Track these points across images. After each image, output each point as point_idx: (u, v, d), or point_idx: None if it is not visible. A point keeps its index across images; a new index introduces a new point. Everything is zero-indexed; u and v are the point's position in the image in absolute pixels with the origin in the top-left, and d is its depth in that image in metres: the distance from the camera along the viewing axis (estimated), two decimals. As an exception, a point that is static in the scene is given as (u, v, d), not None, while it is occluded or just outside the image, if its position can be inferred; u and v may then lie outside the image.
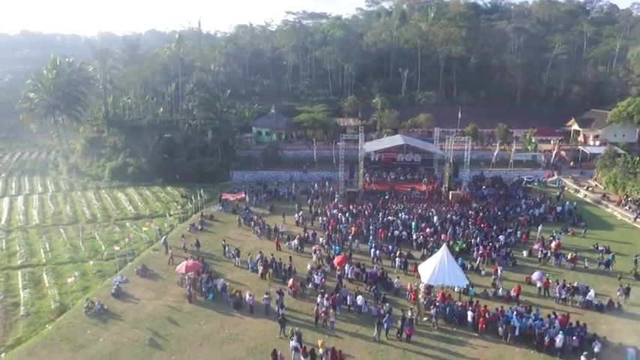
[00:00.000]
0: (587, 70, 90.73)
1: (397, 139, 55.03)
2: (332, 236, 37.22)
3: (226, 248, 35.30)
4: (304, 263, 32.88)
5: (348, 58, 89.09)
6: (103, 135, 70.97)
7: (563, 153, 64.59)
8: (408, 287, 28.32)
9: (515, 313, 24.41)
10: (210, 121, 68.37)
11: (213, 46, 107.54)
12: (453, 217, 41.49)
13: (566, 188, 53.33)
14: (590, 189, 52.87)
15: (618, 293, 28.42)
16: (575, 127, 71.78)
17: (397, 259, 32.53)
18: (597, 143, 66.15)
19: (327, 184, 53.97)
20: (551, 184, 56.84)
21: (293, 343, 21.80)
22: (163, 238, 36.99)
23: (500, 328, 23.67)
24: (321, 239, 36.76)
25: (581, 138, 71.45)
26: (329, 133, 69.42)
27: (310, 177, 58.89)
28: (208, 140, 63.55)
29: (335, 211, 43.16)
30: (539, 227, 38.83)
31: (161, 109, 74.39)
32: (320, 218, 41.56)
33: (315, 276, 29.29)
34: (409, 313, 24.96)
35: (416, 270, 31.03)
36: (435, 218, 40.90)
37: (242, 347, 23.49)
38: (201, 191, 48.64)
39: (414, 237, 36.86)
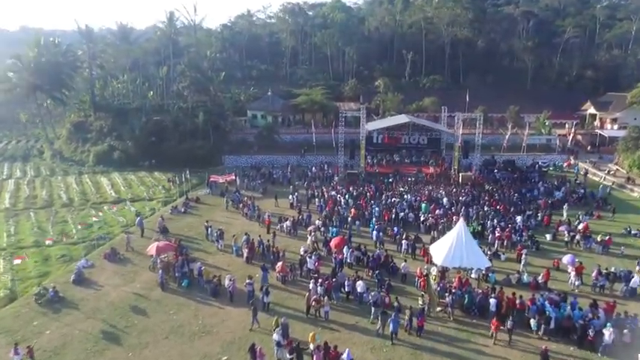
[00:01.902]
0: (600, 54, 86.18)
1: (402, 118, 50.79)
2: (329, 217, 33.04)
3: (209, 230, 31.14)
4: (297, 247, 28.70)
5: (349, 42, 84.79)
6: (89, 119, 66.86)
7: (579, 137, 60.24)
8: (417, 272, 24.11)
9: (547, 301, 20.17)
10: (202, 103, 64.18)
11: (210, 33, 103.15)
12: (464, 198, 37.28)
13: (589, 175, 48.65)
14: (612, 173, 48.56)
15: (638, 268, 25.13)
16: (592, 110, 67.32)
17: (404, 241, 28.32)
18: (615, 127, 61.70)
19: (325, 167, 49.79)
20: (568, 169, 52.55)
21: (276, 336, 17.59)
22: (138, 219, 32.84)
23: (532, 320, 19.38)
24: (317, 221, 32.57)
25: (597, 122, 66.93)
26: (328, 117, 65.14)
27: (308, 161, 54.78)
28: (199, 122, 59.39)
29: (333, 192, 38.97)
30: (565, 206, 34.70)
31: (151, 92, 70.20)
32: (317, 200, 37.34)
33: (309, 260, 25.09)
34: (420, 302, 20.75)
35: (425, 254, 26.95)
36: (445, 200, 36.65)
37: (216, 341, 19.31)
38: (187, 173, 44.37)
39: (422, 219, 32.62)
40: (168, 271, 24.81)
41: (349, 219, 32.29)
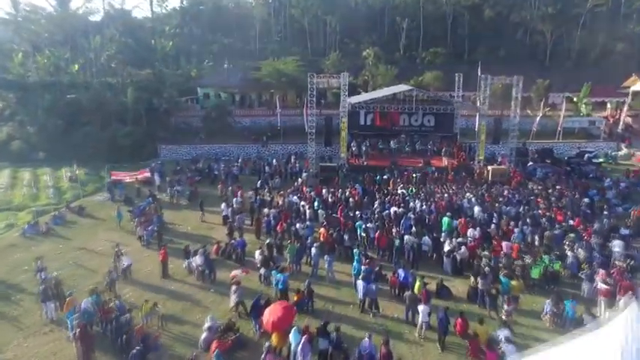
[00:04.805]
0: (629, 25, 72.68)
1: (399, 87, 36.39)
2: (278, 244, 18.40)
3: (40, 275, 16.22)
4: (200, 319, 14.08)
5: (331, 11, 70.16)
6: (-11, 102, 51.32)
7: (629, 119, 46.33)
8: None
9: None
10: (137, 78, 49.14)
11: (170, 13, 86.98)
12: (505, 206, 22.82)
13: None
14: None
15: None
16: (637, 87, 53.52)
17: (421, 307, 13.61)
18: (673, 106, 48.01)
19: (292, 159, 35.02)
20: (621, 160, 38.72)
21: None
22: None
23: None
24: (257, 253, 17.82)
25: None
26: (302, 97, 50.27)
27: (274, 152, 40.29)
28: (128, 102, 44.38)
29: (294, 198, 24.15)
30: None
31: (76, 65, 54.64)
32: (267, 211, 22.47)
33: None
34: None
35: (464, 330, 12.60)
36: (477, 210, 22.13)
37: None
38: (75, 169, 29.59)
39: (447, 248, 18.05)
40: None
41: (313, 249, 17.52)
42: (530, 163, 35.16)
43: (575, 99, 48.71)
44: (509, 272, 15.44)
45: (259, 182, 29.12)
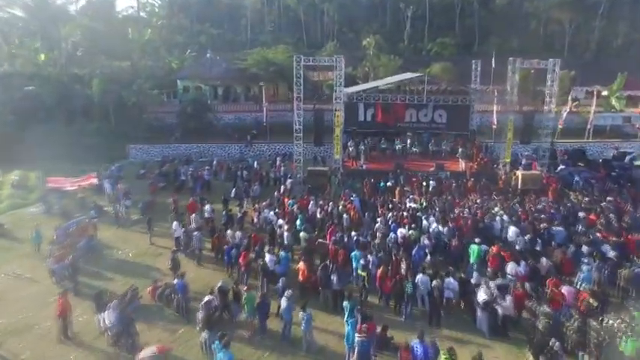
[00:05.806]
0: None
1: (405, 75, 30.73)
2: (236, 289, 12.65)
3: None
4: None
5: (328, -1, 64.91)
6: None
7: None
8: None
9: None
10: (106, 70, 43.61)
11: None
12: (551, 227, 17.03)
13: None
14: None
15: None
16: (672, 79, 47.91)
17: None
18: None
19: (278, 161, 29.34)
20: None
21: None
22: None
23: None
24: (204, 301, 12.07)
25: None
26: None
27: (259, 152, 34.89)
28: (93, 95, 38.86)
29: (270, 214, 18.37)
30: None
31: (42, 55, 49.03)
32: (231, 233, 16.68)
33: None
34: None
35: None
36: (512, 231, 16.32)
37: None
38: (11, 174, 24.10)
39: (483, 297, 12.25)
40: None
41: (283, 300, 11.75)
42: (561, 166, 29.46)
43: (605, 92, 43.02)
44: (593, 348, 9.72)
45: (233, 191, 23.56)
